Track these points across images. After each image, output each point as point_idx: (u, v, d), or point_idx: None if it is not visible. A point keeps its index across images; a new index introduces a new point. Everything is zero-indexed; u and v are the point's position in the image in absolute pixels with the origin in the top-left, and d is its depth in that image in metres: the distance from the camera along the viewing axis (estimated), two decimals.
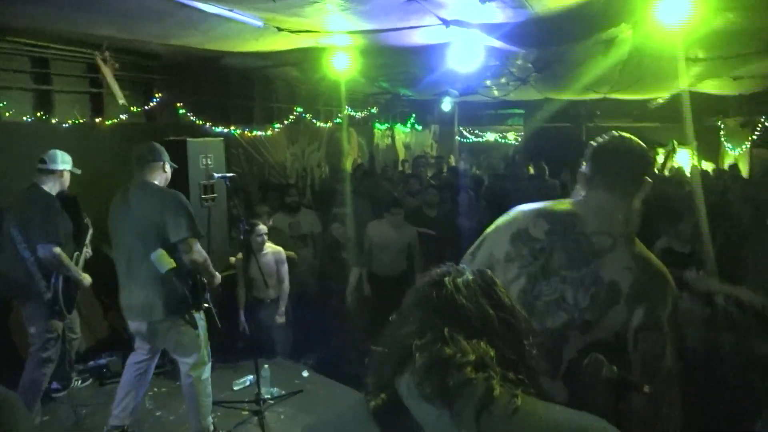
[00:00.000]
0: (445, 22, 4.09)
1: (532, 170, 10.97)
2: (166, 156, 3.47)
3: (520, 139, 16.49)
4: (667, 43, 4.76)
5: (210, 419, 3.63)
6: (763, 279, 4.02)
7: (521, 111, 14.64)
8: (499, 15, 4.07)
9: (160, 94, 6.08)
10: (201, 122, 6.58)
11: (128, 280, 3.32)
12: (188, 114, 6.43)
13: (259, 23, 3.98)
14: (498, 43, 4.66)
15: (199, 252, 3.32)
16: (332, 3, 3.59)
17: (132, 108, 5.68)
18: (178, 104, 6.33)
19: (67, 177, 3.90)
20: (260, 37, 4.40)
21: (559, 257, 1.75)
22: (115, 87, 4.66)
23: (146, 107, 6.00)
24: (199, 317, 3.52)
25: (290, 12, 3.84)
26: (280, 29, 4.14)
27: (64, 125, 5.01)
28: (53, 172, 3.76)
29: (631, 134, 1.91)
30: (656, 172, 10.17)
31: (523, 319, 1.03)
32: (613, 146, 1.85)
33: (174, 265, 3.17)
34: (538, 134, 13.48)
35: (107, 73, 4.61)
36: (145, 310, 3.29)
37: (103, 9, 3.52)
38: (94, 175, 5.18)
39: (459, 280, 1.02)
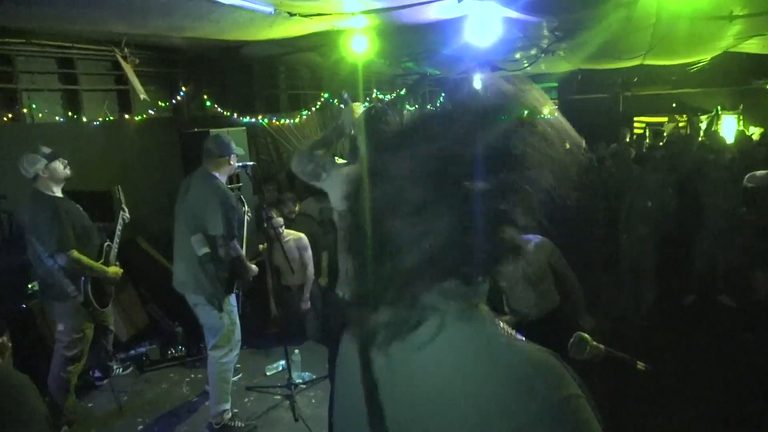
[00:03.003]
0: None
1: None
2: (232, 147, 3.67)
3: None
4: (698, 1, 4.50)
5: (225, 405, 3.67)
6: None
7: (555, 84, 14.21)
8: None
9: (185, 88, 6.17)
10: (227, 113, 6.65)
11: (177, 255, 3.71)
12: (214, 105, 6.51)
13: (270, 9, 3.96)
14: (515, 14, 4.50)
15: (234, 248, 3.61)
16: None
17: (159, 102, 5.78)
18: (204, 96, 6.42)
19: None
20: (273, 23, 4.38)
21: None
22: (136, 82, 4.74)
23: (173, 101, 6.11)
24: (229, 302, 3.66)
25: None
26: (291, 14, 4.11)
27: (94, 123, 5.14)
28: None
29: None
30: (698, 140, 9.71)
31: None
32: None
33: (209, 250, 3.48)
34: (573, 107, 13.09)
35: (128, 69, 4.69)
36: (183, 284, 3.64)
37: (113, 4, 3.56)
38: (125, 170, 5.34)
39: None
